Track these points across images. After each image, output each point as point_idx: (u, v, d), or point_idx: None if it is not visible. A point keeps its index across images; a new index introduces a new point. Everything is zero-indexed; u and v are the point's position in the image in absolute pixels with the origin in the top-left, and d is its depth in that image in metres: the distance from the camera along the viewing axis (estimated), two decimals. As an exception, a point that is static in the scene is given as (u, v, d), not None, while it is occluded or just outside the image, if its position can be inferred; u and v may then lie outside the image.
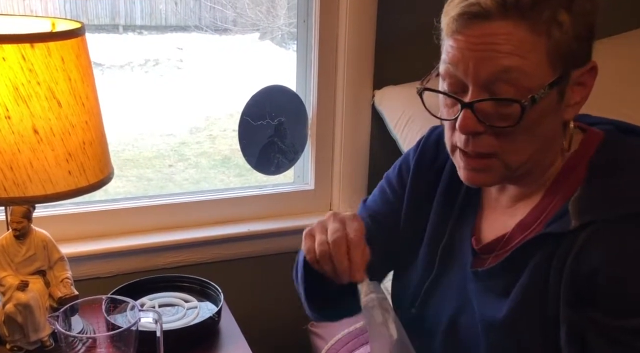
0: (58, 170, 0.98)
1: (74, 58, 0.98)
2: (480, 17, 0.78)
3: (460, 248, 0.95)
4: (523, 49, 0.77)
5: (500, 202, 0.93)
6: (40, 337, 1.12)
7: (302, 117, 1.56)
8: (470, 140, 0.83)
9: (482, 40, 0.78)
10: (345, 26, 1.47)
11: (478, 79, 0.79)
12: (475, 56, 0.79)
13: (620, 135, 0.88)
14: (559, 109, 0.82)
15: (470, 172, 0.85)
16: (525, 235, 0.87)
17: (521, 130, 0.80)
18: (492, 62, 0.78)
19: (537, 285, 0.82)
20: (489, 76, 0.79)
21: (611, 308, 0.77)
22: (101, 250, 1.40)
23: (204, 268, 1.49)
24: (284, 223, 1.56)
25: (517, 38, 0.77)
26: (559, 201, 0.85)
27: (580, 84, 0.83)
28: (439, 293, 0.96)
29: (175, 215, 1.50)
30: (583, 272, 0.78)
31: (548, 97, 0.79)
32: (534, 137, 0.82)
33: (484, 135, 0.82)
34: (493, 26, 0.78)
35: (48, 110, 0.96)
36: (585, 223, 0.79)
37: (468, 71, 0.80)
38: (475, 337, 0.89)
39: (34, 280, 1.12)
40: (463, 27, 0.79)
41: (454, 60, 0.81)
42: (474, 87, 0.80)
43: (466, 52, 0.80)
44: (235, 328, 1.28)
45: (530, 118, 0.79)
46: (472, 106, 0.80)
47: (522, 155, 0.83)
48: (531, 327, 0.82)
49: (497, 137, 0.81)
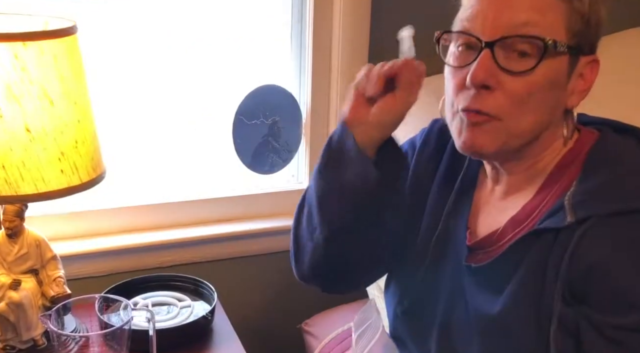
0: (50, 169, 0.98)
1: (67, 56, 0.98)
2: None
3: (454, 241, 0.95)
4: (543, 6, 0.80)
5: (494, 194, 0.93)
6: (32, 335, 1.12)
7: (296, 116, 1.56)
8: (478, 96, 0.82)
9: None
10: (339, 26, 1.48)
11: (496, 30, 0.80)
12: (495, 8, 0.81)
13: (614, 134, 0.89)
14: (565, 87, 0.84)
15: (470, 130, 0.84)
16: (518, 231, 0.87)
17: (530, 91, 0.81)
18: (511, 14, 0.80)
19: (532, 282, 0.82)
20: (507, 28, 0.80)
21: (605, 304, 0.77)
22: (94, 249, 1.40)
23: (197, 268, 1.49)
24: (278, 222, 1.56)
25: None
26: (553, 198, 0.85)
27: (582, 76, 0.85)
28: (432, 285, 0.96)
29: (169, 214, 1.50)
30: (579, 268, 0.78)
31: (562, 59, 0.82)
32: (539, 105, 0.82)
33: (493, 93, 0.81)
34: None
35: (40, 109, 0.96)
36: (581, 219, 0.79)
37: (486, 23, 0.81)
38: (469, 331, 0.89)
39: (27, 279, 1.12)
40: None
41: (473, 14, 0.82)
42: (490, 35, 0.81)
43: (485, 5, 0.82)
44: (228, 328, 1.28)
45: (541, 75, 0.80)
46: (493, 46, 0.80)
47: (525, 123, 0.83)
48: (526, 324, 0.82)
49: (505, 96, 0.81)
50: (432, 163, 0.99)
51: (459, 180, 0.97)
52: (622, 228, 0.77)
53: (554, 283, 0.80)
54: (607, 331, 0.77)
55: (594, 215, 0.78)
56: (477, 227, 0.94)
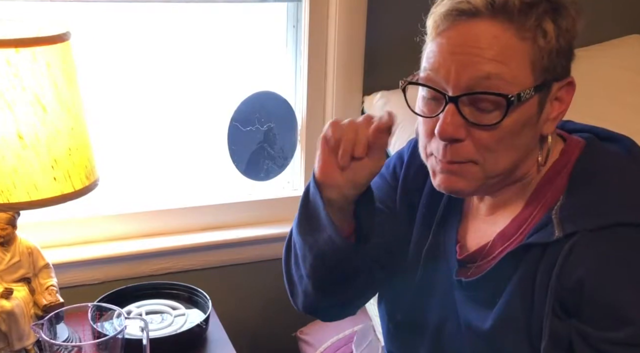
0: (43, 177, 0.97)
1: (60, 63, 0.97)
2: (468, 14, 0.79)
3: (444, 255, 0.94)
4: (506, 55, 0.78)
5: (480, 210, 0.93)
6: (24, 345, 1.11)
7: (291, 123, 1.56)
8: (448, 148, 0.81)
9: (467, 42, 0.78)
10: (335, 32, 1.47)
11: (459, 83, 0.79)
12: (457, 60, 0.79)
13: (599, 143, 0.88)
14: (538, 121, 0.82)
15: (445, 175, 0.84)
16: (507, 245, 0.87)
17: (500, 138, 0.80)
18: (474, 67, 0.78)
19: (522, 297, 0.82)
20: (469, 81, 0.78)
21: (596, 319, 0.77)
22: (87, 257, 1.39)
23: (192, 275, 1.48)
24: (273, 229, 1.56)
25: (502, 42, 0.78)
26: (540, 211, 0.85)
27: (558, 99, 0.84)
28: (424, 299, 0.96)
29: (162, 221, 1.49)
30: (568, 282, 0.78)
31: (530, 102, 0.80)
32: (513, 147, 0.82)
33: (463, 144, 0.81)
34: (480, 26, 0.78)
35: (33, 116, 0.95)
36: (569, 234, 0.79)
37: (449, 76, 0.79)
38: (460, 345, 0.89)
39: (19, 287, 1.11)
40: (450, 25, 0.80)
41: (435, 66, 0.81)
42: (454, 91, 0.79)
43: (448, 56, 0.80)
44: (223, 336, 1.27)
45: (511, 123, 0.79)
46: (457, 101, 0.79)
47: (502, 164, 0.82)
48: (517, 338, 0.82)
49: (476, 146, 0.81)
50: (420, 175, 0.99)
51: (445, 195, 0.96)
52: (610, 242, 0.77)
53: (544, 298, 0.80)
54: (600, 345, 0.76)
55: (581, 229, 0.78)
56: (467, 241, 0.93)
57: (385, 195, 1.01)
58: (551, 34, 0.79)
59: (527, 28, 0.78)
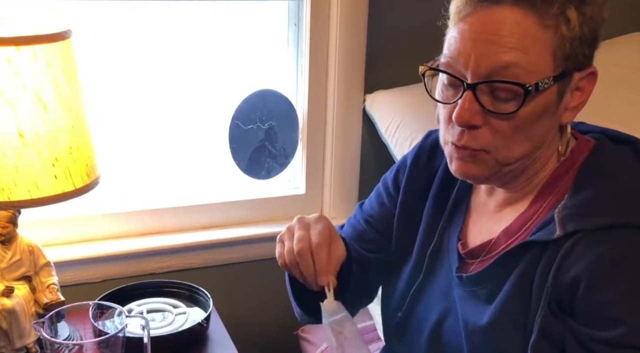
0: (44, 175, 0.97)
1: (60, 61, 0.97)
2: (490, 1, 0.78)
3: (447, 253, 0.95)
4: (527, 43, 0.77)
5: (488, 206, 0.93)
6: (25, 343, 1.11)
7: (292, 121, 1.56)
8: (465, 133, 0.82)
9: (488, 28, 0.78)
10: (336, 30, 1.47)
11: (478, 71, 0.79)
12: (478, 48, 0.79)
13: (611, 144, 0.88)
14: (556, 110, 0.82)
15: (460, 161, 0.85)
16: (511, 242, 0.87)
17: (517, 127, 0.80)
18: (494, 56, 0.78)
19: (520, 293, 0.82)
20: (488, 69, 0.78)
21: (589, 318, 0.77)
22: (88, 255, 1.39)
23: (193, 274, 1.48)
24: (275, 228, 1.55)
25: (523, 29, 0.77)
26: (546, 209, 0.85)
27: (579, 89, 0.83)
28: (425, 297, 0.96)
29: (164, 219, 1.49)
30: (565, 281, 0.78)
31: (548, 92, 0.79)
32: (529, 136, 0.82)
33: (480, 130, 0.81)
34: (502, 12, 0.78)
35: (34, 114, 0.95)
36: (570, 233, 0.79)
37: (469, 63, 0.79)
38: (459, 341, 0.89)
39: (20, 286, 1.11)
40: (472, 11, 0.79)
41: (456, 53, 0.81)
42: (473, 78, 0.80)
43: (469, 43, 0.79)
44: (224, 334, 1.27)
45: (528, 112, 0.79)
46: (475, 88, 0.79)
47: (515, 153, 0.82)
48: (514, 335, 0.82)
49: (492, 133, 0.81)
50: (426, 179, 0.99)
51: (453, 194, 0.97)
52: (608, 243, 0.77)
53: (540, 296, 0.80)
54: (590, 345, 0.77)
55: (582, 229, 0.78)
56: (471, 237, 0.94)
57: (378, 205, 1.05)
58: (575, 22, 0.78)
59: (550, 16, 0.77)
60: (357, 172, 1.59)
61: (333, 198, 1.59)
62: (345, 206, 1.60)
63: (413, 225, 1.00)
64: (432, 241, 0.96)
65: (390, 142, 1.48)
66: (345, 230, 1.10)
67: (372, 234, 1.05)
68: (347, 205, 1.60)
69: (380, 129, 1.51)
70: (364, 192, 1.58)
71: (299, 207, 1.60)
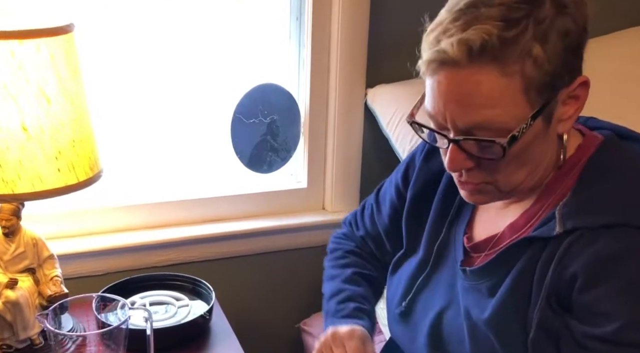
0: (47, 168, 0.97)
1: (63, 54, 0.97)
2: (448, 64, 0.77)
3: (453, 246, 0.96)
4: (494, 98, 0.76)
5: (495, 203, 0.93)
6: (29, 335, 1.12)
7: (294, 115, 1.56)
8: (463, 173, 0.84)
9: (454, 89, 0.78)
10: (338, 24, 1.47)
11: (457, 128, 0.80)
12: (450, 108, 0.79)
13: (618, 141, 0.87)
14: (548, 131, 0.81)
15: (466, 192, 0.87)
16: (515, 237, 0.87)
17: (510, 161, 0.80)
18: (466, 117, 0.78)
19: (521, 288, 0.82)
20: (466, 127, 0.79)
21: (581, 314, 0.78)
22: (92, 248, 1.40)
23: (195, 267, 1.49)
24: (277, 221, 1.56)
25: (488, 87, 0.76)
26: (550, 205, 0.85)
27: (573, 97, 0.81)
28: (429, 289, 0.97)
29: (166, 213, 1.49)
30: (564, 277, 0.79)
31: (532, 128, 0.78)
32: (525, 162, 0.82)
33: (475, 169, 0.83)
34: (462, 73, 0.76)
35: (37, 108, 0.95)
36: (569, 230, 0.79)
37: (447, 120, 0.80)
38: (460, 334, 0.90)
39: (24, 278, 1.11)
40: (435, 72, 0.79)
41: (433, 111, 0.81)
42: (454, 132, 0.80)
43: (441, 103, 0.79)
44: (226, 327, 1.28)
45: (517, 149, 0.79)
46: (458, 142, 0.80)
47: (516, 180, 0.84)
48: (515, 329, 0.83)
49: (488, 170, 0.82)
50: (435, 174, 1.00)
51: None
52: (606, 241, 0.77)
53: (540, 291, 0.80)
54: (584, 341, 0.77)
55: (581, 226, 0.78)
56: (477, 232, 0.94)
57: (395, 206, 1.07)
58: (542, 57, 0.75)
59: (512, 62, 0.75)
60: (358, 166, 1.59)
61: (335, 192, 1.60)
62: (346, 200, 1.60)
63: (422, 219, 1.01)
64: (440, 235, 0.97)
65: (391, 136, 1.48)
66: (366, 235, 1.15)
67: (389, 245, 1.10)
68: (348, 198, 1.60)
69: (381, 122, 1.51)
70: (365, 185, 1.59)
71: (300, 200, 1.61)
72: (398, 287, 1.03)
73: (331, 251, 1.19)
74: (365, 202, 1.17)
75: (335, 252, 1.17)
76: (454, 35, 0.75)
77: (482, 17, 0.75)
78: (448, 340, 0.92)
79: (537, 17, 0.75)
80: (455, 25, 0.76)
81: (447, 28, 0.77)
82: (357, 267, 1.12)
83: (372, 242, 1.14)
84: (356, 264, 1.13)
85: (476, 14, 0.75)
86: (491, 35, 0.74)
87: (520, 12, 0.74)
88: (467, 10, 0.76)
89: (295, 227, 1.56)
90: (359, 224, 1.16)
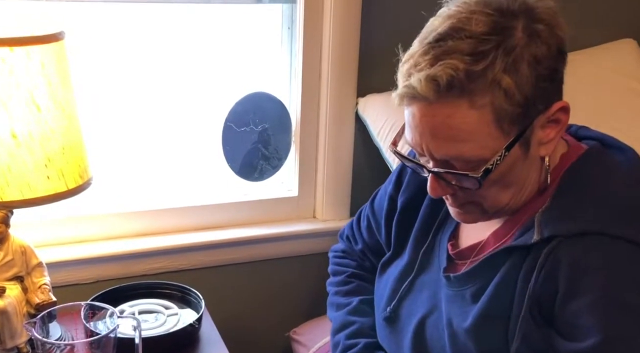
0: (36, 175, 0.97)
1: (54, 62, 0.97)
2: (418, 99, 0.77)
3: (438, 253, 0.97)
4: (466, 131, 0.77)
5: None
6: (17, 343, 1.11)
7: (286, 123, 1.56)
8: (448, 196, 0.86)
9: (427, 122, 0.79)
10: (330, 33, 1.48)
11: (433, 158, 0.81)
12: (425, 141, 0.80)
13: (602, 150, 0.88)
14: (528, 155, 0.81)
15: (454, 211, 0.89)
16: (498, 245, 0.88)
17: (490, 186, 0.81)
18: (440, 150, 0.79)
19: (503, 297, 0.82)
20: (441, 157, 0.80)
21: (562, 328, 0.78)
22: (80, 256, 1.39)
23: (185, 275, 1.48)
24: (267, 230, 1.56)
25: (458, 120, 0.76)
26: (532, 213, 0.85)
27: (553, 121, 0.81)
28: (413, 295, 0.98)
29: (156, 221, 1.49)
30: (545, 288, 0.79)
31: (508, 157, 0.79)
32: (509, 185, 0.83)
33: (456, 194, 0.85)
34: (433, 107, 0.77)
35: (27, 114, 0.95)
36: (547, 238, 0.79)
37: (424, 153, 0.82)
38: (441, 339, 0.90)
39: (11, 286, 1.11)
40: (409, 105, 0.80)
41: (411, 142, 0.83)
42: (433, 163, 0.82)
43: (417, 135, 0.81)
44: (216, 336, 1.27)
45: (494, 177, 0.80)
46: (437, 173, 0.82)
47: (500, 202, 0.85)
48: (495, 339, 0.83)
49: (470, 193, 0.83)
50: (425, 181, 1.00)
51: None
52: (583, 251, 0.77)
53: (522, 300, 0.80)
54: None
55: (558, 234, 0.78)
56: (461, 239, 0.95)
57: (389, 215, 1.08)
58: (512, 88, 0.75)
59: (482, 94, 0.75)
60: (349, 175, 1.60)
61: (325, 201, 1.60)
62: (337, 208, 1.60)
63: (410, 223, 1.02)
64: (426, 241, 0.98)
65: (382, 145, 1.49)
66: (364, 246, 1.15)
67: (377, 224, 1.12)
68: (339, 207, 1.60)
69: (372, 132, 1.51)
70: (356, 194, 1.59)
71: (291, 209, 1.61)
72: (385, 290, 1.03)
73: (333, 274, 1.18)
74: (361, 213, 1.17)
75: (337, 276, 1.17)
76: (423, 70, 0.75)
77: (450, 51, 0.74)
78: (431, 346, 0.93)
79: (506, 47, 0.74)
80: (425, 59, 0.76)
81: (417, 61, 0.77)
82: (362, 293, 1.12)
83: (372, 255, 1.14)
84: (360, 291, 1.13)
85: (444, 48, 0.75)
86: (457, 71, 0.73)
87: (489, 44, 0.74)
88: (436, 44, 0.76)
89: (285, 235, 1.56)
90: (357, 237, 1.16)
